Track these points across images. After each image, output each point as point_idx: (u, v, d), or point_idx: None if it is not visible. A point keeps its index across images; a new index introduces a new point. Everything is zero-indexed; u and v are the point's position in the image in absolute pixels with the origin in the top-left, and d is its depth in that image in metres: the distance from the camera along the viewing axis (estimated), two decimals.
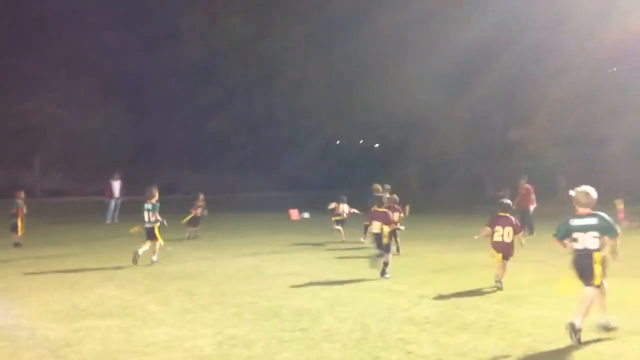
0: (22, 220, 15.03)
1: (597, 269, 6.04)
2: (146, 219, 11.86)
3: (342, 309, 7.61)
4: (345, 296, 8.48)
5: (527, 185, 18.44)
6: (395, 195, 13.32)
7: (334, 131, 42.68)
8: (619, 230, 6.14)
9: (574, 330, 5.91)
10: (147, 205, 11.85)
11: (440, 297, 8.38)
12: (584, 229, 6.08)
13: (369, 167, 41.00)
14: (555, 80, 30.23)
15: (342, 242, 15.67)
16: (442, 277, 10.15)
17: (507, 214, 9.26)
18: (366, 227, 10.85)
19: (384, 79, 34.77)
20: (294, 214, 24.93)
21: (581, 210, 6.19)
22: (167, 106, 39.29)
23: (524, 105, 33.61)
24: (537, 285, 9.22)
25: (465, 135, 36.33)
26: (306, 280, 9.80)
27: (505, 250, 9.09)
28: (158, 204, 11.97)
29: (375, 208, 10.54)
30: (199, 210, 16.81)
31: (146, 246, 11.84)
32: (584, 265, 6.10)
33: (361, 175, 36.65)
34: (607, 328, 6.20)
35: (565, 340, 6.03)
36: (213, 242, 15.76)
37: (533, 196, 18.34)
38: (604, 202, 20.57)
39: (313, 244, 15.53)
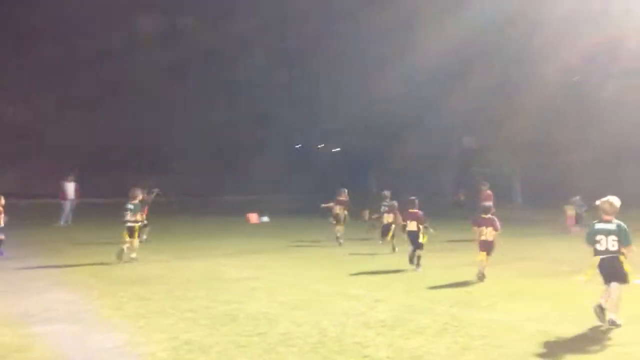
0: None
1: (627, 268, 6.83)
2: (127, 217, 12.21)
3: (299, 313, 7.62)
4: (303, 300, 8.48)
5: (488, 192, 18.73)
6: (395, 202, 14.81)
7: (296, 135, 42.87)
8: (632, 240, 6.88)
9: (614, 324, 6.72)
10: (129, 205, 12.28)
11: (396, 300, 8.48)
12: (606, 232, 6.90)
13: (330, 171, 41.13)
14: (517, 91, 31.16)
15: (337, 239, 15.96)
16: (399, 281, 10.26)
17: (489, 216, 10.39)
18: (403, 227, 12.52)
19: (348, 86, 35.14)
20: (253, 217, 24.77)
21: (606, 217, 7.00)
22: (128, 108, 38.49)
23: (485, 114, 34.41)
24: (491, 289, 9.42)
25: (426, 141, 36.89)
26: (264, 285, 9.77)
27: (488, 248, 10.17)
28: (140, 205, 12.59)
29: (409, 210, 11.96)
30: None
31: (133, 246, 12.25)
32: (610, 267, 6.86)
33: (321, 179, 36.79)
34: (614, 324, 6.76)
35: (516, 344, 6.19)
36: (170, 246, 15.52)
37: (492, 203, 18.67)
38: (556, 207, 21.04)
39: (271, 248, 15.48)
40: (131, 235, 12.25)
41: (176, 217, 23.99)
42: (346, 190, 17.10)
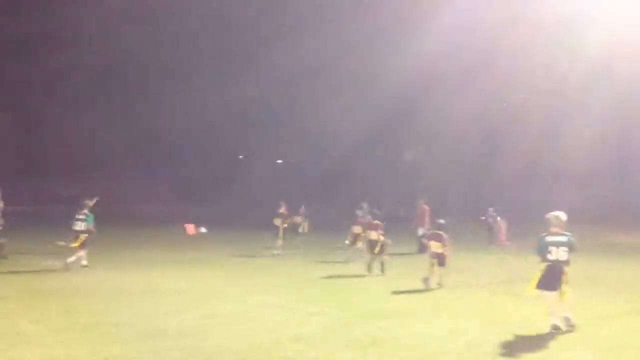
0: None
1: (565, 279, 7.42)
2: (77, 227, 12.45)
3: (230, 327, 7.45)
4: (236, 313, 8.31)
5: (424, 206, 18.92)
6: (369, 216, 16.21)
7: (240, 145, 42.49)
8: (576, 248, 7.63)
9: (569, 323, 7.33)
10: (80, 216, 12.54)
11: (331, 313, 8.43)
12: (557, 244, 7.55)
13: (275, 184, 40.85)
14: (450, 110, 32.19)
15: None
16: (335, 293, 10.25)
17: (440, 232, 11.26)
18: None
19: (290, 95, 35.27)
20: (191, 228, 24.24)
21: (554, 229, 7.65)
22: (61, 115, 36.87)
23: (423, 129, 35.26)
24: (421, 301, 9.54)
25: (365, 153, 37.30)
26: (196, 297, 9.53)
27: (440, 259, 10.96)
28: (91, 215, 12.62)
29: (371, 221, 13.52)
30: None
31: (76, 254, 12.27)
32: (554, 274, 7.46)
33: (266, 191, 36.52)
34: (561, 327, 7.30)
35: (442, 357, 6.26)
36: (102, 256, 14.83)
37: (427, 217, 18.79)
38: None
39: (208, 259, 15.18)
40: (80, 243, 12.38)
41: (111, 226, 23.17)
42: (284, 204, 17.16)
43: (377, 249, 12.73)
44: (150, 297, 9.42)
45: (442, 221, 11.62)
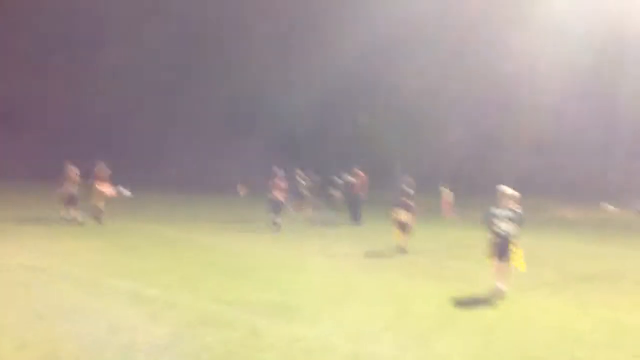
0: None
1: (515, 250, 7.65)
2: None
3: (41, 325, 5.50)
4: (66, 304, 6.33)
5: (361, 173, 17.36)
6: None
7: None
8: (524, 222, 7.73)
9: (500, 292, 7.54)
10: None
11: (195, 305, 6.52)
12: (504, 217, 7.68)
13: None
14: (403, 69, 30.78)
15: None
16: (219, 274, 8.36)
17: (409, 201, 11.43)
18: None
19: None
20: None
21: (503, 203, 7.74)
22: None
23: (373, 92, 33.71)
24: (323, 290, 7.76)
25: (312, 116, 35.31)
26: (36, 278, 7.46)
27: (405, 227, 11.28)
28: None
29: (275, 180, 14.44)
30: None
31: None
32: (503, 247, 7.65)
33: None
34: (502, 293, 7.54)
35: None
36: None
37: (365, 185, 17.26)
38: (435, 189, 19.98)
39: (97, 230, 13.03)
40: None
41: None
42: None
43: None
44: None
45: (410, 190, 11.64)
